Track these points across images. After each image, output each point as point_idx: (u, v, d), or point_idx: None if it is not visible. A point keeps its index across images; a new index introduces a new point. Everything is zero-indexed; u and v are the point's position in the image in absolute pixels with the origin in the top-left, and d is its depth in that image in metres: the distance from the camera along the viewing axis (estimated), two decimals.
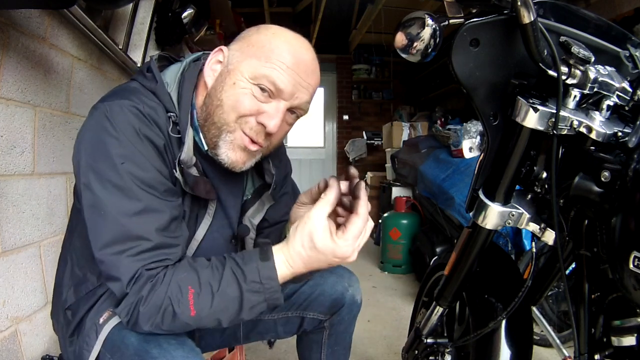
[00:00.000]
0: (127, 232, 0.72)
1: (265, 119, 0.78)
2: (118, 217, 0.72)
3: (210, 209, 0.88)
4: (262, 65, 0.77)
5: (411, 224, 3.22)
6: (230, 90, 0.78)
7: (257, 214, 0.99)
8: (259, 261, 0.72)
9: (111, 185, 0.72)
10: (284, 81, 0.77)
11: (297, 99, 0.79)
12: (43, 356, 1.30)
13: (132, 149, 0.73)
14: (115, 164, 0.72)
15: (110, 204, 0.72)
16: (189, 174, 0.80)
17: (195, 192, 0.81)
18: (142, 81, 0.83)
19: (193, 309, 0.71)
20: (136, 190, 0.73)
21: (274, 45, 0.78)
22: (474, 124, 2.80)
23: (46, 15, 1.38)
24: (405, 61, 0.82)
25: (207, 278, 0.72)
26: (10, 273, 1.23)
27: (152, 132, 0.76)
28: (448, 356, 1.04)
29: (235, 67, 0.79)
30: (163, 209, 0.75)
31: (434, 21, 0.71)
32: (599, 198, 0.68)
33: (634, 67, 0.76)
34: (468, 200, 0.85)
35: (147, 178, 0.74)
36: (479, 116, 0.76)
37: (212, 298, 0.71)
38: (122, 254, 0.71)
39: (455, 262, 0.92)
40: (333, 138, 6.42)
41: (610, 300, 0.74)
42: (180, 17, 2.38)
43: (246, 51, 0.79)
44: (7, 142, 1.21)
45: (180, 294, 0.71)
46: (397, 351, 0.79)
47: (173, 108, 0.80)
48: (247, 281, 0.71)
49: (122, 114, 0.74)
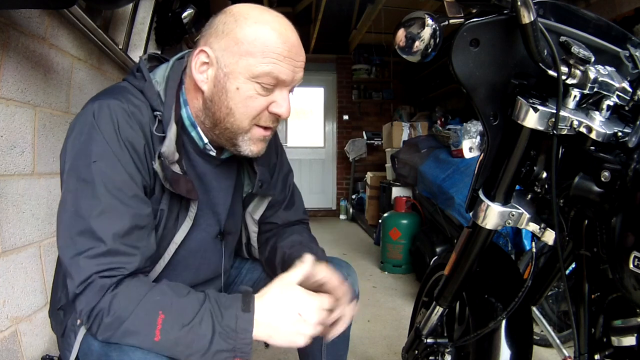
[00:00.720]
0: (85, 231, 0.71)
1: (276, 109, 0.80)
2: (83, 214, 0.72)
3: (192, 211, 0.86)
4: (259, 62, 0.76)
5: (411, 224, 3.21)
6: (236, 97, 0.79)
7: (257, 210, 1.01)
8: (240, 310, 0.71)
9: (83, 182, 0.73)
10: (284, 72, 0.78)
11: (296, 80, 0.82)
12: (43, 356, 1.30)
13: (108, 149, 0.74)
14: (90, 162, 0.73)
15: (78, 200, 0.73)
16: (168, 168, 0.79)
17: (175, 190, 0.80)
18: (132, 81, 0.84)
19: (159, 333, 0.69)
20: (101, 191, 0.72)
21: (264, 38, 0.76)
22: (474, 124, 2.80)
23: (46, 15, 1.38)
24: (405, 61, 0.82)
25: (182, 308, 0.71)
26: (10, 273, 1.23)
27: (133, 132, 0.76)
28: (448, 356, 1.04)
29: (233, 70, 0.78)
30: (124, 215, 0.73)
31: (434, 21, 0.71)
32: (599, 198, 0.68)
33: (634, 67, 0.76)
34: (468, 200, 0.85)
35: (116, 180, 0.74)
36: (479, 116, 0.76)
37: (181, 328, 0.69)
38: (79, 255, 0.71)
39: (455, 262, 0.92)
40: (333, 138, 6.43)
41: (610, 300, 0.74)
42: (180, 17, 2.38)
43: (236, 50, 0.77)
44: (7, 142, 1.21)
45: (149, 316, 0.69)
46: (397, 351, 0.79)
47: (160, 106, 0.81)
48: (222, 324, 0.70)
49: (106, 113, 0.75)
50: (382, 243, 3.37)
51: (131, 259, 0.73)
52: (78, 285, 0.70)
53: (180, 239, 0.87)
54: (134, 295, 0.71)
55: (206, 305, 0.71)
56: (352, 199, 5.98)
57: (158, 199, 0.82)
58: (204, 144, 0.86)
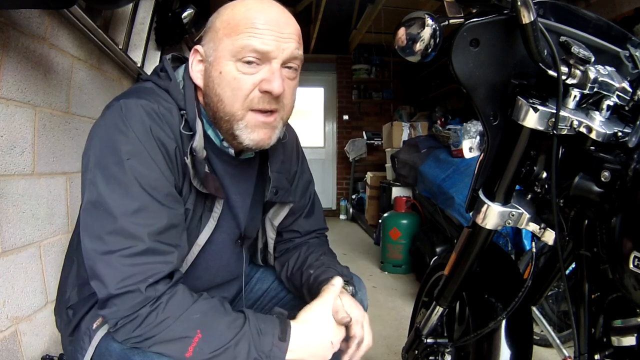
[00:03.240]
0: (121, 230, 0.69)
1: (266, 85, 0.76)
2: (116, 214, 0.70)
3: (216, 212, 0.85)
4: (235, 40, 0.75)
5: (411, 224, 3.21)
6: (220, 81, 0.77)
7: (277, 216, 1.00)
8: (277, 339, 0.73)
9: (114, 181, 0.71)
10: (264, 42, 0.75)
11: (284, 51, 0.77)
12: (43, 356, 1.30)
13: (140, 147, 0.72)
14: (122, 160, 0.71)
15: (111, 200, 0.70)
16: (201, 163, 0.78)
17: (205, 187, 0.79)
18: (157, 81, 0.83)
19: (192, 350, 0.70)
20: (136, 189, 0.71)
21: (238, 17, 0.76)
22: (474, 124, 2.80)
23: (46, 15, 1.38)
24: (405, 61, 0.82)
25: (221, 330, 0.71)
26: (10, 273, 1.23)
27: (164, 133, 0.75)
28: (448, 356, 1.04)
29: (215, 56, 0.78)
30: (160, 213, 0.72)
31: (434, 21, 0.71)
32: (599, 198, 0.68)
33: (634, 67, 0.76)
34: (468, 200, 0.85)
35: (150, 178, 0.72)
36: (479, 116, 0.76)
37: (216, 350, 0.70)
38: (112, 253, 0.69)
39: (455, 262, 0.92)
40: (333, 138, 6.42)
41: (610, 300, 0.74)
42: (180, 17, 2.38)
43: (216, 37, 0.78)
44: (7, 142, 1.21)
45: (186, 332, 0.70)
46: (397, 351, 0.79)
47: (185, 105, 0.80)
48: (257, 350, 0.72)
49: (136, 112, 0.74)
50: (382, 243, 3.37)
51: (168, 257, 0.72)
52: (114, 286, 0.68)
53: (204, 240, 0.86)
54: (175, 310, 0.70)
55: (245, 329, 0.73)
56: (352, 199, 5.99)
57: (185, 198, 0.80)
58: (220, 141, 0.85)
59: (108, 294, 0.69)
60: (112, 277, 0.69)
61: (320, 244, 1.06)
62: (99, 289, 0.71)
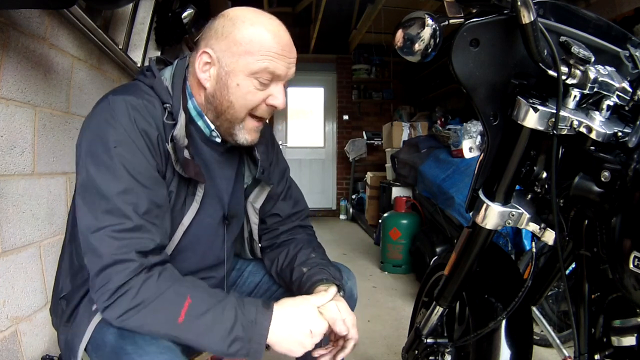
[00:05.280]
0: (111, 208, 0.77)
1: (273, 101, 0.89)
2: (106, 194, 0.78)
3: (198, 195, 0.93)
4: (257, 60, 0.85)
5: (411, 224, 3.21)
6: (237, 92, 0.87)
7: (258, 199, 1.07)
8: (260, 306, 0.81)
9: (103, 166, 0.79)
10: (279, 67, 0.86)
11: (289, 74, 0.90)
12: (43, 356, 1.30)
13: (126, 136, 0.81)
14: (110, 147, 0.79)
15: (100, 182, 0.78)
16: (181, 150, 0.86)
17: (185, 172, 0.87)
18: (143, 79, 0.92)
19: (184, 315, 0.75)
20: (122, 172, 0.79)
21: (260, 38, 0.85)
22: (474, 124, 2.80)
23: (46, 15, 1.38)
24: (405, 61, 0.82)
25: (209, 295, 0.80)
26: (10, 273, 1.23)
27: (147, 123, 0.84)
28: (448, 356, 1.04)
29: (234, 69, 0.86)
30: (145, 194, 0.80)
31: (434, 21, 0.71)
32: (599, 198, 0.68)
33: (634, 67, 0.76)
34: (468, 200, 0.85)
35: (135, 162, 0.80)
36: (479, 116, 0.76)
37: (206, 312, 0.77)
38: (104, 229, 0.76)
39: (455, 262, 0.92)
40: (333, 138, 6.42)
41: (610, 300, 0.74)
42: (180, 17, 2.38)
43: (235, 50, 0.86)
44: (7, 142, 1.21)
45: (177, 298, 0.77)
46: (397, 351, 0.79)
47: (169, 99, 0.89)
48: (244, 312, 0.79)
49: (122, 106, 0.83)
50: (382, 243, 3.37)
51: (154, 235, 0.80)
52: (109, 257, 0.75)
53: (188, 221, 0.93)
54: (166, 280, 0.78)
55: (231, 298, 0.81)
56: (352, 199, 5.99)
57: (168, 182, 0.88)
58: (210, 131, 0.94)
59: (102, 265, 0.75)
60: (106, 248, 0.76)
61: (308, 240, 1.12)
62: (93, 262, 0.77)
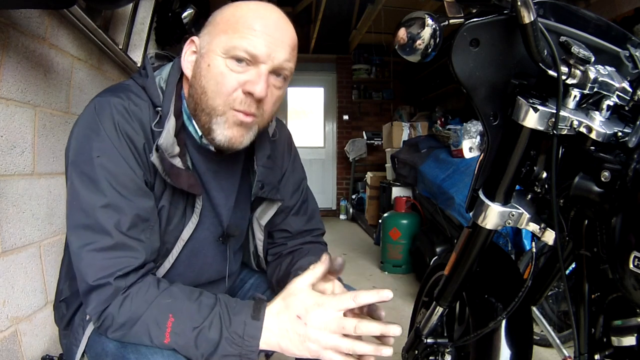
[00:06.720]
0: (92, 223, 0.73)
1: (250, 87, 0.76)
2: (87, 208, 0.73)
3: (197, 208, 0.85)
4: (231, 37, 0.76)
5: (411, 224, 3.21)
6: (207, 74, 0.78)
7: (265, 215, 0.96)
8: (249, 317, 0.71)
9: (86, 177, 0.74)
10: (256, 46, 0.75)
11: (275, 59, 0.77)
12: (43, 356, 1.30)
13: (109, 144, 0.75)
14: (92, 157, 0.74)
15: (83, 195, 0.74)
16: (166, 160, 0.77)
17: (175, 183, 0.79)
18: (137, 78, 0.85)
19: (168, 336, 0.71)
20: (104, 185, 0.74)
21: (239, 16, 0.77)
22: (474, 124, 2.80)
23: (46, 15, 1.38)
24: (405, 61, 0.82)
25: (192, 311, 0.72)
26: (10, 273, 1.23)
27: (132, 129, 0.77)
28: (448, 356, 1.04)
29: (208, 49, 0.78)
30: (127, 209, 0.74)
31: (434, 21, 0.71)
32: (599, 198, 0.68)
33: (634, 67, 0.76)
34: (468, 200, 0.85)
35: (118, 174, 0.75)
36: (479, 116, 0.76)
37: (191, 332, 0.71)
38: (84, 247, 0.72)
39: (455, 262, 0.92)
40: (333, 138, 6.43)
41: (610, 300, 0.74)
42: (180, 17, 2.39)
43: (213, 31, 0.79)
44: (7, 142, 1.21)
45: (159, 318, 0.71)
46: (397, 351, 0.79)
47: (161, 102, 0.81)
48: (230, 330, 0.70)
49: (107, 110, 0.76)
50: (382, 243, 3.37)
51: (137, 253, 0.75)
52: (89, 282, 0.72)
53: (187, 235, 0.86)
54: (145, 298, 0.72)
55: (216, 310, 0.72)
56: (352, 199, 5.99)
57: (159, 195, 0.81)
58: (199, 137, 0.84)
59: (84, 289, 0.73)
60: (87, 268, 0.72)
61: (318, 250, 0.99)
62: (79, 281, 0.74)
